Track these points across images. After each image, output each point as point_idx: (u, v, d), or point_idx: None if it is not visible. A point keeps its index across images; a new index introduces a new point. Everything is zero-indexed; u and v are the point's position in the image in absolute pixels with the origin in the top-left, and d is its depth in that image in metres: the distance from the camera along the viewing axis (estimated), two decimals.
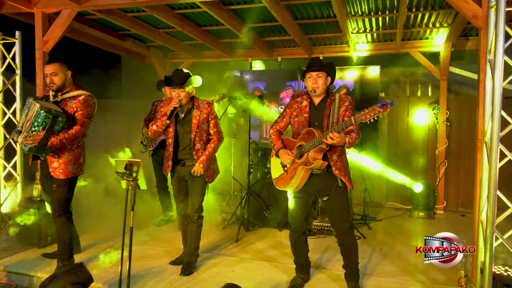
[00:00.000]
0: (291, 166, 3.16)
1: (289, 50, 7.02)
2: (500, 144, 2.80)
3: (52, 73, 3.49)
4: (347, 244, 3.22)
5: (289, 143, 3.24)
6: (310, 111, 3.16)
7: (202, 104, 3.66)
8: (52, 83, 3.50)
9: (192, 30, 5.74)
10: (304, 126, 3.14)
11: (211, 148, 3.65)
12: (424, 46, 6.33)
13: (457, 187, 6.55)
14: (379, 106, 2.57)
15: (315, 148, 2.95)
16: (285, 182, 3.21)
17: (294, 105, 3.25)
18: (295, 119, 3.22)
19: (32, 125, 3.27)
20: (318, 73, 3.08)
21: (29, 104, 3.41)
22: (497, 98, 2.73)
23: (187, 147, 3.66)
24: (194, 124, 3.60)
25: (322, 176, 3.10)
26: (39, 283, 3.67)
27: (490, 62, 2.81)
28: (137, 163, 2.88)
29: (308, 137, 3.02)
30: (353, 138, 2.95)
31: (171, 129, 3.65)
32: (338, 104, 3.07)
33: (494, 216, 2.72)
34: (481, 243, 2.94)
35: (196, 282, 3.51)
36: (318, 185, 3.13)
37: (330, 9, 4.98)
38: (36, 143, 3.24)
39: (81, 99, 3.53)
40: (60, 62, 3.55)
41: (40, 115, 3.24)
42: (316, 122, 3.13)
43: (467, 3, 3.40)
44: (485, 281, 2.72)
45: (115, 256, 3.98)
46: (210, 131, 3.68)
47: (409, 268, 3.85)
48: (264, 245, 4.59)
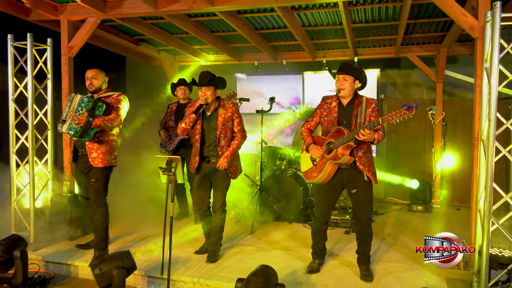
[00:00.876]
0: (320, 160, 3.53)
1: (293, 53, 7.39)
2: (496, 141, 3.19)
3: (92, 77, 3.89)
4: (365, 234, 3.61)
5: (319, 140, 3.61)
6: (339, 111, 3.52)
7: (227, 104, 4.01)
8: (91, 85, 3.89)
9: (206, 35, 6.08)
10: (333, 125, 3.50)
11: (235, 144, 3.99)
12: (421, 51, 6.76)
13: (453, 183, 6.97)
14: (405, 108, 2.93)
15: (344, 144, 3.32)
16: (314, 175, 3.58)
17: (324, 106, 3.61)
18: (325, 118, 3.59)
19: (76, 111, 3.64)
20: (344, 76, 3.44)
21: (71, 98, 3.80)
22: (493, 101, 3.12)
23: (213, 143, 3.99)
24: (219, 121, 3.94)
25: (350, 171, 3.47)
26: (76, 271, 4.04)
27: (486, 70, 3.21)
28: (176, 160, 3.23)
29: (338, 134, 3.39)
30: (380, 135, 3.31)
31: (198, 126, 3.98)
32: (365, 105, 3.44)
33: (490, 204, 3.11)
34: (478, 229, 3.32)
35: (221, 268, 3.87)
36: (345, 178, 3.49)
37: (337, 17, 5.37)
38: (82, 124, 3.63)
39: (115, 96, 3.95)
40: (100, 68, 3.96)
41: (83, 100, 3.67)
42: (344, 121, 3.49)
43: (465, 16, 3.80)
44: (483, 261, 3.11)
45: (144, 247, 4.33)
46: (234, 129, 4.02)
47: (413, 255, 4.24)
48: (278, 236, 4.96)
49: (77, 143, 3.97)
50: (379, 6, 4.97)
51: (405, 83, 7.73)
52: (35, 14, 5.09)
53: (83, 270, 4.01)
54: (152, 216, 5.26)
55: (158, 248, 4.20)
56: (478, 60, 3.71)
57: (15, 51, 4.52)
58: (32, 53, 4.43)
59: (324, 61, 7.18)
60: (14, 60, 4.53)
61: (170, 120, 5.50)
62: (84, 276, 4.00)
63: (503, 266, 3.13)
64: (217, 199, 4.02)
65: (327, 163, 3.45)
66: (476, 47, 3.78)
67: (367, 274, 3.61)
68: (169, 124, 5.51)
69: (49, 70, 4.61)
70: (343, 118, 3.50)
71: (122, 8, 4.85)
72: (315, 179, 3.57)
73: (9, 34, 4.50)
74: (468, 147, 6.62)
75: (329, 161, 3.43)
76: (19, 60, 4.51)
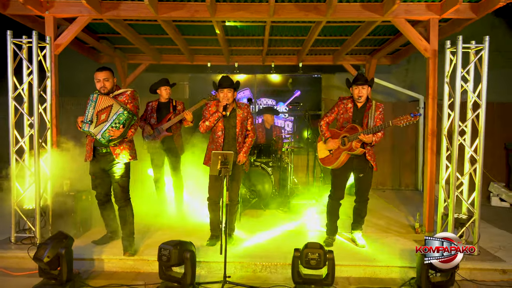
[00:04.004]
0: (336, 150, 4.34)
1: (244, 57, 8.08)
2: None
3: (104, 79, 3.99)
4: (363, 208, 4.52)
5: (334, 134, 4.40)
6: (354, 111, 4.35)
7: (242, 105, 4.54)
8: (104, 87, 3.98)
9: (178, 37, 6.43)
10: (348, 122, 4.31)
11: (249, 142, 4.55)
12: (353, 60, 8.07)
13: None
14: (412, 116, 3.85)
15: (357, 139, 4.17)
16: (331, 162, 4.39)
17: (341, 105, 4.40)
18: (341, 115, 4.39)
19: (113, 122, 3.80)
20: (363, 85, 4.27)
21: (94, 99, 3.89)
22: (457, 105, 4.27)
23: (232, 140, 4.46)
24: (238, 120, 4.44)
25: (358, 159, 4.33)
26: (102, 265, 4.18)
27: (447, 83, 4.41)
28: (230, 155, 3.71)
29: (352, 130, 4.22)
30: (379, 137, 4.18)
31: (221, 124, 4.42)
32: (374, 109, 4.29)
33: (455, 180, 4.32)
34: (441, 200, 4.53)
35: (244, 249, 4.41)
36: (355, 165, 4.35)
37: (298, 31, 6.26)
38: (116, 136, 3.84)
39: (129, 93, 4.09)
40: (110, 69, 4.08)
41: (123, 114, 3.82)
42: (357, 120, 4.32)
43: (420, 40, 5.01)
44: (450, 222, 4.30)
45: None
46: (248, 128, 4.57)
47: (380, 228, 5.35)
48: (267, 221, 5.65)
49: (96, 141, 4.03)
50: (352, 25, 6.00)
51: (332, 86, 9.03)
52: (16, 7, 4.88)
53: (109, 263, 4.14)
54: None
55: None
56: (431, 74, 4.95)
57: (15, 48, 4.34)
58: (37, 51, 4.32)
59: (272, 65, 8.03)
60: (13, 57, 4.35)
61: (152, 118, 5.64)
62: (111, 269, 4.13)
63: (462, 225, 4.36)
64: (234, 190, 4.51)
65: (343, 153, 4.29)
66: (428, 65, 5.00)
67: (361, 241, 4.56)
68: (150, 122, 5.68)
69: (49, 68, 4.53)
70: (356, 117, 4.35)
71: (119, 10, 4.97)
72: (331, 165, 4.39)
73: (8, 31, 4.31)
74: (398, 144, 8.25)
75: (344, 152, 4.28)
76: (22, 57, 4.37)
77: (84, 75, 7.38)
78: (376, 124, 4.24)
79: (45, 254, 3.50)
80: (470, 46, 4.32)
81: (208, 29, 6.18)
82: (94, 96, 3.95)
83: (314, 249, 3.49)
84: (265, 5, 4.97)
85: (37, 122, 4.36)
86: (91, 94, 3.97)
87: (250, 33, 6.44)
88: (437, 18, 4.94)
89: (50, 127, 4.58)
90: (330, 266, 3.51)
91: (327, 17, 5.00)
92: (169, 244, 3.48)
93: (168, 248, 3.43)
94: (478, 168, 4.29)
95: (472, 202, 4.41)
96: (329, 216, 4.63)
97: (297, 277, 3.59)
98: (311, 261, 3.48)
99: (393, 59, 8.03)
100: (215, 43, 7.08)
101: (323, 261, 3.48)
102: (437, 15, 4.91)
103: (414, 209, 6.44)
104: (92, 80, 4.02)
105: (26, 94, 4.52)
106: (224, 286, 3.60)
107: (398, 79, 9.04)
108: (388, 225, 5.47)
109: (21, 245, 4.38)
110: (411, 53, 7.32)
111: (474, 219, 4.33)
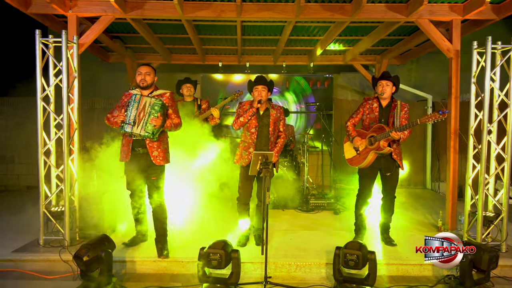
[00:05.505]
0: (364, 150, 4.36)
1: (256, 57, 8.07)
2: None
3: (146, 72, 4.00)
4: (391, 205, 4.55)
5: (361, 134, 4.43)
6: (379, 111, 4.38)
7: (275, 106, 4.55)
8: (143, 81, 3.99)
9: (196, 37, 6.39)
10: (375, 122, 4.35)
11: (281, 142, 4.55)
12: (363, 60, 8.12)
13: None
14: (440, 113, 3.91)
15: (384, 138, 4.20)
16: (358, 161, 4.42)
17: (367, 106, 4.43)
18: (367, 116, 4.42)
19: (151, 113, 3.84)
20: (387, 82, 4.32)
21: (137, 100, 3.89)
22: (486, 106, 4.35)
23: (264, 138, 4.46)
24: (272, 120, 4.45)
25: (385, 159, 4.37)
26: (134, 267, 4.16)
27: (475, 84, 4.48)
28: (271, 155, 3.71)
29: (379, 130, 4.25)
30: (406, 135, 4.23)
31: (254, 121, 4.41)
32: (399, 108, 4.35)
33: (484, 179, 4.39)
34: (467, 198, 4.59)
35: (275, 250, 4.41)
36: (382, 164, 4.38)
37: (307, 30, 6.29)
38: (158, 126, 3.86)
39: (168, 95, 4.10)
40: (152, 66, 4.12)
41: (157, 103, 3.87)
42: (383, 119, 4.37)
43: (444, 41, 5.07)
44: (479, 218, 4.37)
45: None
46: (280, 128, 4.58)
47: (404, 224, 5.41)
48: (288, 221, 5.67)
49: (134, 142, 4.04)
50: (371, 25, 6.04)
51: (337, 85, 9.09)
52: (40, 6, 4.80)
53: (142, 265, 4.11)
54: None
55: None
56: (454, 74, 5.02)
57: (43, 47, 4.27)
58: (67, 50, 4.26)
59: (284, 65, 8.04)
60: (41, 57, 4.27)
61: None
62: (144, 271, 4.10)
63: (490, 223, 4.43)
64: (264, 190, 4.53)
65: (370, 152, 4.32)
66: (450, 65, 5.06)
67: (390, 240, 4.61)
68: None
69: (75, 68, 4.47)
70: (382, 117, 4.39)
71: (144, 10, 4.92)
72: (359, 165, 4.41)
73: (37, 30, 4.23)
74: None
75: (372, 151, 4.31)
76: (49, 57, 4.30)
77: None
78: (402, 123, 4.30)
79: (86, 253, 3.46)
80: (497, 47, 4.39)
81: (225, 29, 6.16)
82: (137, 96, 3.93)
83: (353, 250, 3.50)
84: (291, 5, 4.97)
85: (66, 123, 4.30)
86: (134, 95, 3.94)
87: (267, 33, 6.44)
88: (460, 19, 5.01)
89: (77, 128, 4.52)
90: (371, 267, 3.54)
91: (352, 17, 5.02)
92: (216, 248, 3.44)
93: (217, 252, 3.39)
94: (506, 166, 4.37)
95: (499, 200, 4.49)
96: (357, 217, 4.65)
97: (338, 275, 3.62)
98: (350, 261, 3.50)
99: (403, 59, 8.11)
100: (229, 43, 7.06)
101: (361, 263, 3.49)
102: (460, 16, 4.98)
103: (429, 207, 6.53)
104: (101, 81, 4.01)
105: (53, 94, 4.46)
106: (266, 286, 3.61)
107: (402, 79, 9.10)
108: (410, 224, 5.52)
109: (50, 247, 4.31)
110: (422, 53, 7.40)
111: (502, 216, 4.41)
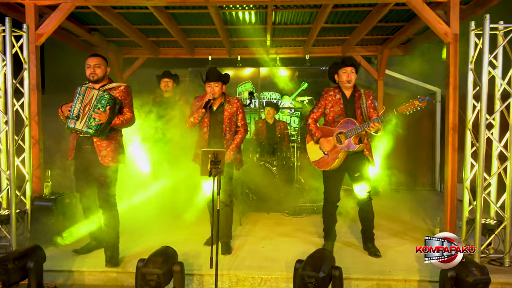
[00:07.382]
0: (332, 150, 3.83)
1: (247, 49, 7.58)
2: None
3: (95, 65, 3.62)
4: (369, 210, 4.01)
5: (326, 131, 3.90)
6: (344, 102, 3.85)
7: (232, 100, 4.12)
8: (93, 74, 3.61)
9: (174, 28, 5.97)
10: (341, 116, 3.82)
11: (239, 138, 4.11)
12: (364, 51, 7.51)
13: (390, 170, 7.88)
14: (419, 100, 3.36)
15: (356, 134, 3.66)
16: (327, 163, 3.88)
17: (328, 98, 3.90)
18: (330, 109, 3.89)
19: (95, 107, 3.42)
20: (352, 68, 3.80)
21: (82, 92, 3.50)
22: (484, 94, 3.74)
23: (218, 137, 4.06)
24: (225, 116, 4.05)
25: (354, 156, 3.85)
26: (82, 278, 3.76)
27: (471, 70, 3.87)
28: (222, 153, 3.23)
29: (348, 125, 3.71)
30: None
31: (206, 119, 4.06)
32: (365, 98, 3.82)
33: (482, 181, 3.77)
34: (465, 203, 3.98)
35: (241, 259, 3.93)
36: (350, 163, 3.86)
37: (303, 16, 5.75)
38: (103, 121, 3.43)
39: (122, 89, 3.71)
40: (103, 57, 3.71)
41: (104, 97, 3.45)
42: (349, 112, 3.84)
43: (440, 24, 4.45)
44: (477, 226, 3.76)
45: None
46: (238, 124, 4.14)
47: (393, 233, 4.85)
48: (267, 226, 5.16)
49: (81, 139, 3.66)
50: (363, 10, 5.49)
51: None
52: None
53: (90, 275, 3.72)
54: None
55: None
56: (451, 61, 4.39)
57: None
58: (11, 40, 3.90)
59: (277, 57, 7.52)
60: None
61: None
62: (92, 282, 3.71)
63: (491, 231, 3.81)
64: (225, 191, 4.00)
65: (341, 152, 3.78)
66: (448, 50, 4.44)
67: (375, 250, 4.04)
68: None
69: (26, 59, 4.11)
70: (348, 109, 3.85)
71: None
72: (328, 167, 3.87)
73: None
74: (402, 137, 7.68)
75: (343, 150, 3.77)
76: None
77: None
78: (370, 114, 3.80)
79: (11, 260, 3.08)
80: (498, 27, 3.79)
81: (205, 18, 5.71)
82: (83, 88, 3.53)
83: (311, 272, 2.92)
84: None
85: (11, 118, 3.94)
86: (79, 87, 3.55)
87: (251, 21, 5.95)
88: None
89: (28, 124, 4.16)
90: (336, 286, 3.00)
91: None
92: (154, 264, 2.97)
93: (154, 272, 2.93)
94: (509, 166, 3.74)
95: (502, 205, 3.87)
96: (325, 221, 4.15)
97: None
98: (309, 284, 2.96)
99: (407, 49, 7.44)
100: (214, 34, 6.60)
101: (322, 285, 2.93)
102: None
103: (431, 211, 5.90)
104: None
105: (2, 88, 4.11)
106: None
107: (410, 71, 8.42)
108: (404, 230, 4.93)
109: None
110: (426, 42, 6.74)
111: (505, 224, 3.78)
